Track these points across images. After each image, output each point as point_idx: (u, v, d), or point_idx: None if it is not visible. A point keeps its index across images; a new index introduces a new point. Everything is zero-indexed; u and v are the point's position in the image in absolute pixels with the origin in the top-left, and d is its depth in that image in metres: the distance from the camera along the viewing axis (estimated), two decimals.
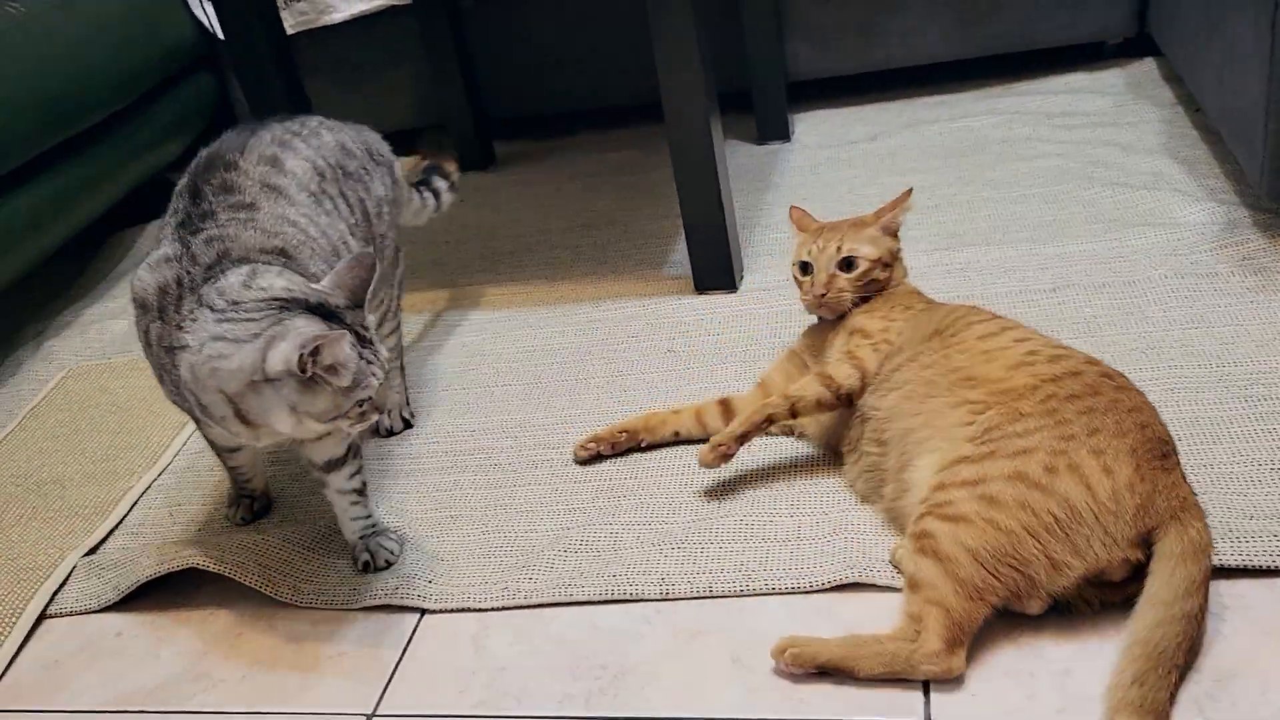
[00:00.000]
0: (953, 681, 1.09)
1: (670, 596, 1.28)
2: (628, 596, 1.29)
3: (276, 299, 1.20)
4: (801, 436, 1.50)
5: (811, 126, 2.61)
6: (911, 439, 1.26)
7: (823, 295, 1.47)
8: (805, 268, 1.51)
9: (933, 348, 1.33)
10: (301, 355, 1.14)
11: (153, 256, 1.28)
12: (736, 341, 1.77)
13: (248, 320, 1.19)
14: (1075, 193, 2.01)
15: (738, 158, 2.49)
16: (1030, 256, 1.83)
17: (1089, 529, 1.09)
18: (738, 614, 1.24)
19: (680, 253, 2.08)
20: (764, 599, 1.25)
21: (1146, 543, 1.11)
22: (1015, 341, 1.29)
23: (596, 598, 1.29)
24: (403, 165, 1.79)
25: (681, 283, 1.98)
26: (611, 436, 1.53)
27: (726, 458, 1.39)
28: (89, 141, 2.35)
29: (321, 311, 1.21)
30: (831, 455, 1.44)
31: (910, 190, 1.55)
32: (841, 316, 1.49)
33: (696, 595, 1.27)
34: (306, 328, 1.18)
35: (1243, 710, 1.01)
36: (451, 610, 1.32)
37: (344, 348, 1.17)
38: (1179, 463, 1.17)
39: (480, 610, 1.32)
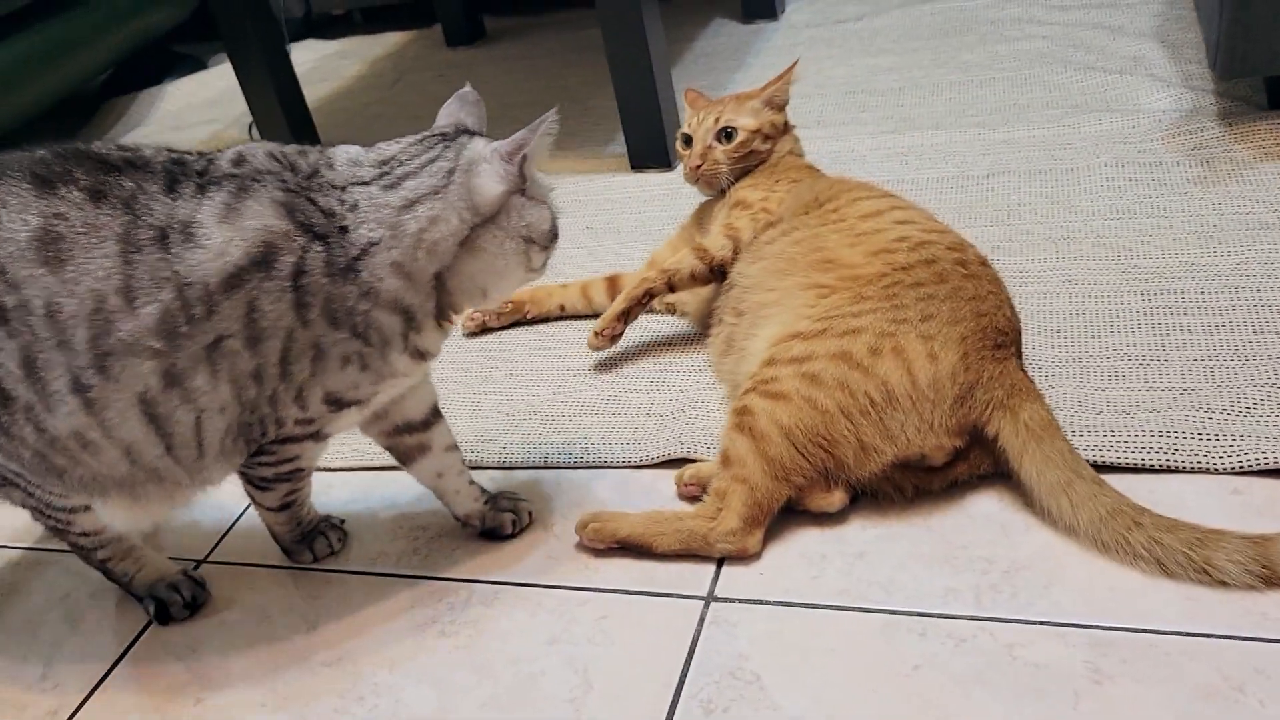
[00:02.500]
0: (748, 559, 1.06)
1: (507, 465, 1.27)
2: (469, 464, 1.28)
3: (427, 137, 1.03)
4: (683, 314, 1.46)
5: (805, 5, 2.49)
6: (762, 314, 1.22)
7: (698, 166, 1.42)
8: (687, 141, 1.45)
9: (809, 221, 1.27)
10: (520, 156, 0.99)
11: (217, 235, 0.93)
12: (656, 220, 1.72)
13: (421, 170, 0.99)
14: (1045, 76, 1.89)
15: (719, 37, 2.40)
16: (975, 142, 1.73)
17: (904, 414, 1.05)
18: (566, 486, 1.22)
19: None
20: (595, 472, 1.23)
21: (972, 432, 1.06)
22: (894, 225, 1.23)
23: None
24: None
25: (620, 161, 1.93)
26: (498, 307, 1.51)
27: (613, 339, 1.37)
28: (60, 6, 2.37)
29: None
30: (705, 332, 1.40)
31: (795, 62, 1.49)
32: (724, 191, 1.43)
33: (532, 465, 1.26)
34: (490, 143, 1.01)
35: (1021, 602, 0.96)
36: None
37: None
38: (1016, 354, 1.11)
39: (330, 470, 1.33)
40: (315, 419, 1.03)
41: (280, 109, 2.08)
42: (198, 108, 2.70)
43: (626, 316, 1.37)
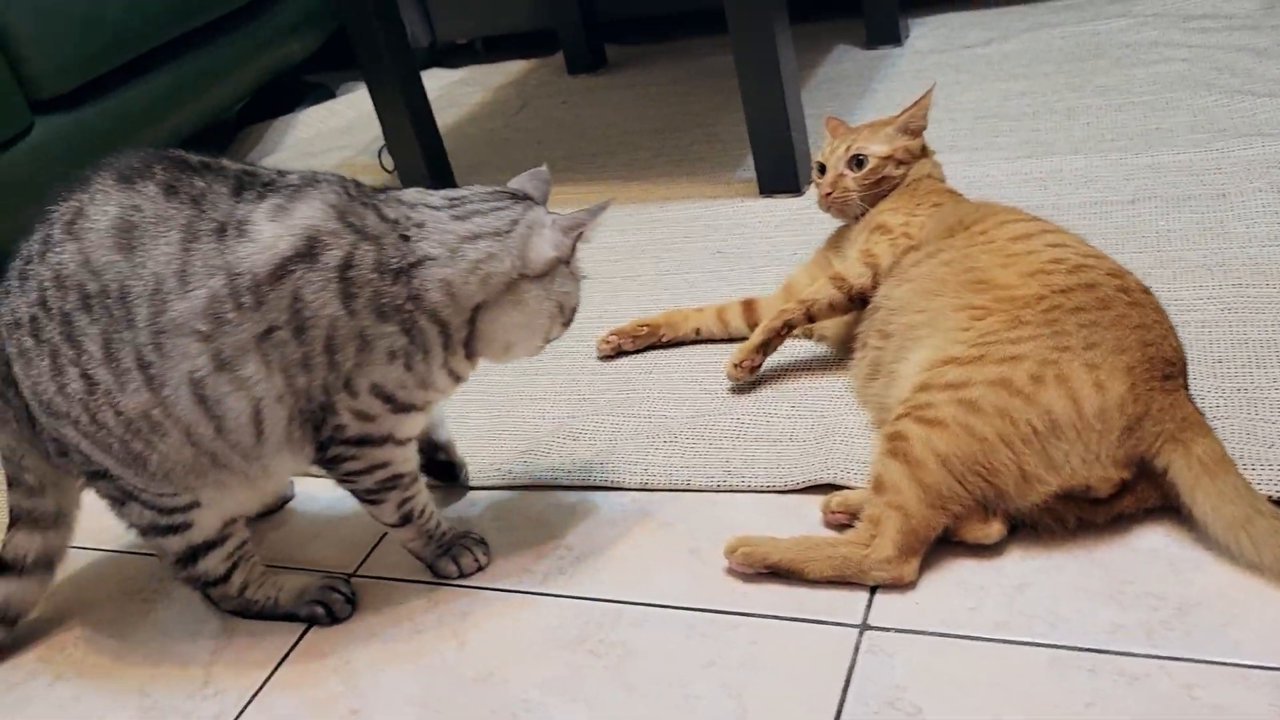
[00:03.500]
0: (903, 588, 1.05)
1: (648, 487, 1.27)
2: (608, 485, 1.29)
3: (498, 191, 1.13)
4: (822, 339, 1.45)
5: (928, 30, 2.46)
6: (911, 335, 1.20)
7: (829, 194, 1.42)
8: (821, 169, 1.45)
9: (956, 244, 1.25)
10: (577, 233, 1.10)
11: (267, 230, 1.02)
12: (788, 245, 1.72)
13: (490, 213, 1.09)
14: (1187, 100, 1.83)
15: (843, 63, 2.39)
16: (1117, 166, 1.69)
17: (1068, 444, 1.02)
18: (709, 509, 1.22)
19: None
20: (738, 495, 1.23)
21: (1140, 465, 1.03)
22: (1047, 247, 1.20)
23: (578, 484, 1.30)
24: None
25: (749, 186, 1.93)
26: (633, 330, 1.52)
27: (752, 370, 1.37)
28: (213, 34, 2.46)
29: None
30: (846, 356, 1.39)
31: (932, 87, 1.48)
32: (859, 216, 1.42)
33: (673, 488, 1.26)
34: (550, 214, 1.11)
35: (1197, 641, 0.93)
36: (434, 487, 1.36)
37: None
38: (1184, 385, 1.07)
39: (472, 488, 1.35)
40: (375, 416, 1.08)
41: (414, 134, 2.14)
42: (329, 135, 2.79)
43: (765, 349, 1.37)
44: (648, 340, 1.52)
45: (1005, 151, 1.82)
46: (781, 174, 1.84)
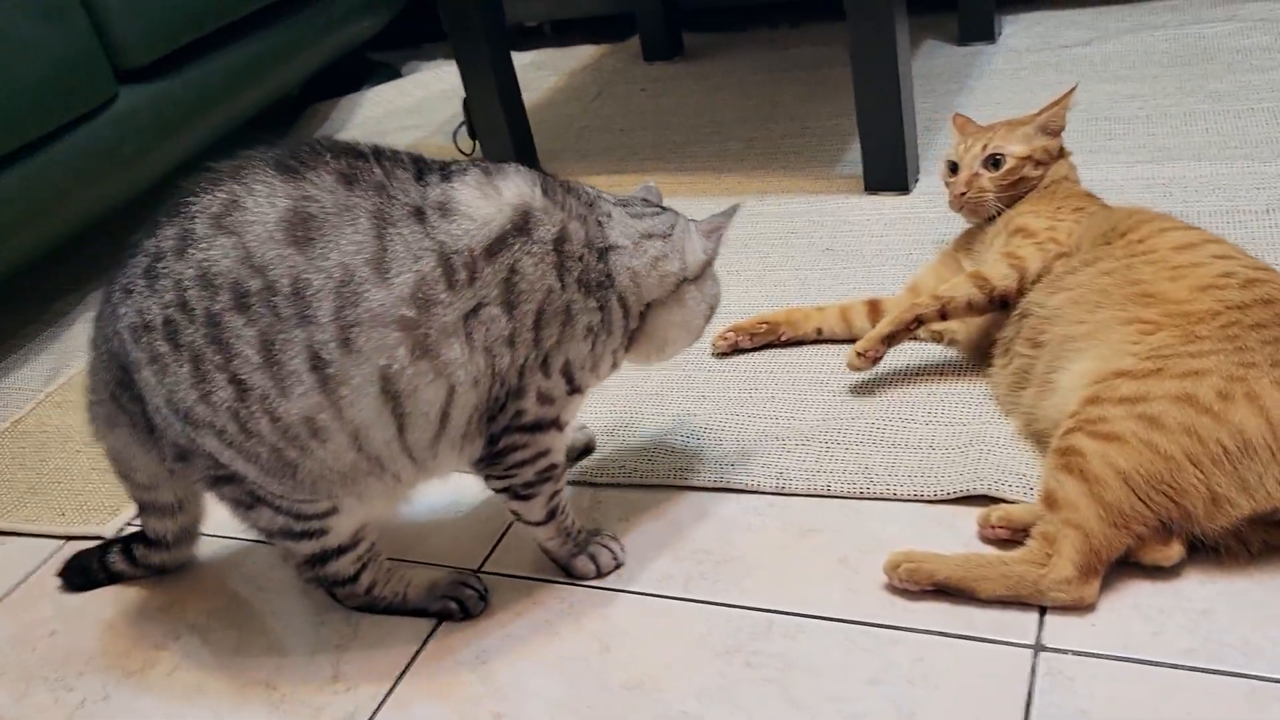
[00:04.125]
0: (1082, 611, 1.00)
1: (785, 491, 1.23)
2: (743, 487, 1.25)
3: (644, 199, 1.17)
4: (951, 342, 1.40)
5: (1022, 29, 2.41)
6: (1070, 346, 1.15)
7: (963, 194, 1.39)
8: (953, 168, 1.42)
9: (1115, 253, 1.21)
10: (718, 236, 1.15)
11: (480, 208, 1.01)
12: (900, 244, 1.67)
13: (653, 215, 1.13)
14: None
15: (934, 59, 2.34)
16: (1245, 175, 1.64)
17: (1262, 466, 0.97)
18: (853, 516, 1.18)
19: (855, 153, 1.97)
20: (882, 504, 1.19)
21: None
22: (1213, 258, 1.16)
23: (710, 484, 1.26)
24: None
25: (852, 183, 1.88)
26: (751, 327, 1.48)
27: (874, 361, 1.33)
28: (286, 10, 2.42)
29: None
30: (979, 362, 1.35)
31: (1074, 88, 1.44)
32: (994, 218, 1.38)
33: (813, 493, 1.22)
34: (690, 220, 1.17)
35: None
36: (570, 482, 1.32)
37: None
38: None
39: (595, 485, 1.31)
40: (555, 397, 1.07)
41: (503, 114, 2.09)
42: (398, 114, 2.74)
43: (891, 340, 1.32)
44: (766, 338, 1.48)
45: (1122, 155, 1.77)
46: (891, 172, 1.79)
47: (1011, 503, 1.13)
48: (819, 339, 1.47)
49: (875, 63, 1.71)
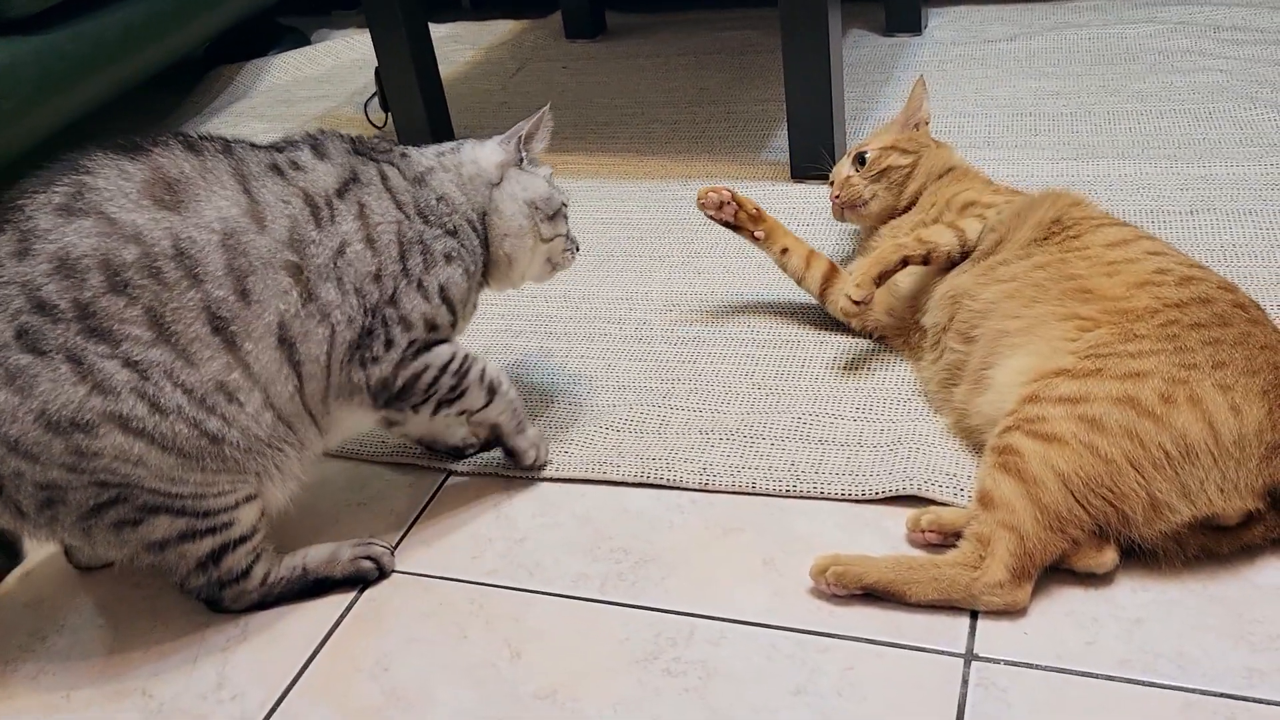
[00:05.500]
0: (1014, 615, 0.97)
1: (709, 488, 1.18)
2: (664, 483, 1.19)
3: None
4: (876, 334, 1.36)
5: (947, 22, 2.39)
6: (1005, 342, 1.12)
7: (838, 195, 1.41)
8: (831, 184, 1.47)
9: (1048, 248, 1.18)
10: (516, 138, 1.19)
11: (320, 165, 1.07)
12: (826, 234, 1.63)
13: (440, 145, 1.20)
14: (1233, 112, 1.79)
15: (860, 48, 2.30)
16: (1169, 175, 1.63)
17: (1203, 471, 0.95)
18: (778, 515, 1.13)
19: (781, 139, 1.93)
20: (809, 503, 1.14)
21: (1276, 496, 0.96)
22: (1147, 255, 1.13)
23: (630, 479, 1.20)
24: None
25: (777, 169, 1.84)
26: (745, 203, 1.43)
27: (865, 303, 1.28)
28: None
29: None
30: (897, 344, 1.34)
31: (919, 79, 1.48)
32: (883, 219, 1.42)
33: (737, 490, 1.17)
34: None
35: None
36: (478, 474, 1.25)
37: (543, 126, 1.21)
38: None
39: (508, 478, 1.24)
40: (440, 324, 1.10)
41: (417, 85, 1.99)
42: (306, 83, 2.61)
43: (881, 279, 1.28)
44: (747, 222, 1.43)
45: (1047, 151, 1.76)
46: (818, 160, 1.75)
47: (942, 504, 1.09)
48: (781, 262, 1.44)
49: (807, 50, 1.67)
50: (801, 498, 1.15)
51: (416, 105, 2.02)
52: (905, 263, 1.26)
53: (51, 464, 0.92)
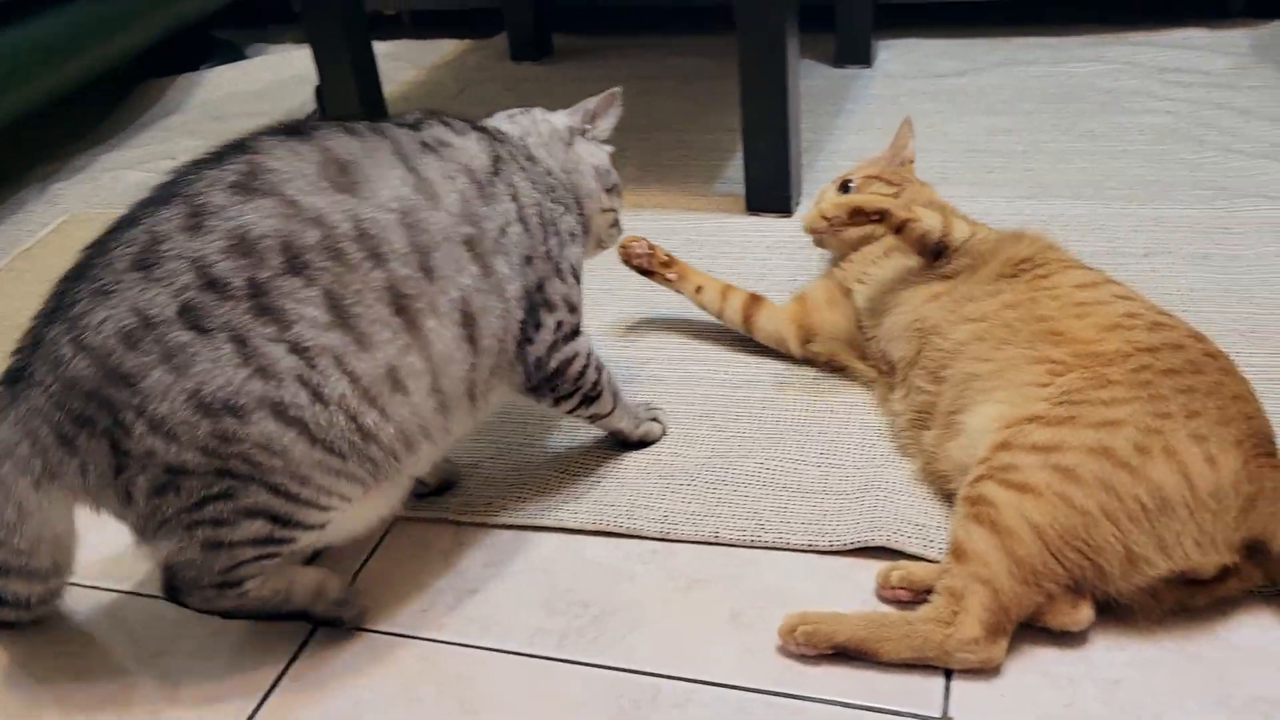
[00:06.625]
0: (989, 673, 0.94)
1: (670, 537, 1.13)
2: (624, 531, 1.14)
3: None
4: (831, 364, 1.33)
5: (896, 54, 2.39)
6: (975, 385, 1.09)
7: (825, 217, 1.34)
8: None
9: (1017, 285, 1.16)
10: (582, 110, 1.23)
11: (464, 139, 1.07)
12: (783, 268, 1.60)
13: (511, 116, 1.22)
14: (1181, 154, 1.80)
15: (811, 78, 2.29)
16: (1123, 216, 1.63)
17: (1180, 525, 0.93)
18: (745, 566, 1.09)
19: (735, 169, 1.90)
20: (776, 554, 1.10)
21: (1250, 547, 0.94)
22: (1115, 298, 1.12)
23: (588, 527, 1.15)
24: None
25: (731, 201, 1.80)
26: (658, 251, 1.44)
27: (829, 227, 1.28)
28: None
29: None
30: (861, 377, 1.32)
31: (906, 120, 1.51)
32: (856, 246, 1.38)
33: (700, 539, 1.12)
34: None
35: None
36: (426, 519, 1.18)
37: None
38: None
39: (457, 523, 1.18)
40: (576, 303, 1.12)
41: (359, 103, 1.93)
42: (240, 98, 2.53)
43: (855, 215, 1.25)
44: (661, 269, 1.44)
45: (1003, 190, 1.75)
46: (774, 192, 1.72)
47: (911, 556, 1.06)
48: (697, 299, 1.43)
49: (765, 80, 1.64)
50: (767, 548, 1.11)
51: None
52: (882, 215, 1.24)
53: (190, 445, 0.87)
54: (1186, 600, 0.96)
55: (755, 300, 1.39)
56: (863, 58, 2.33)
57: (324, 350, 0.89)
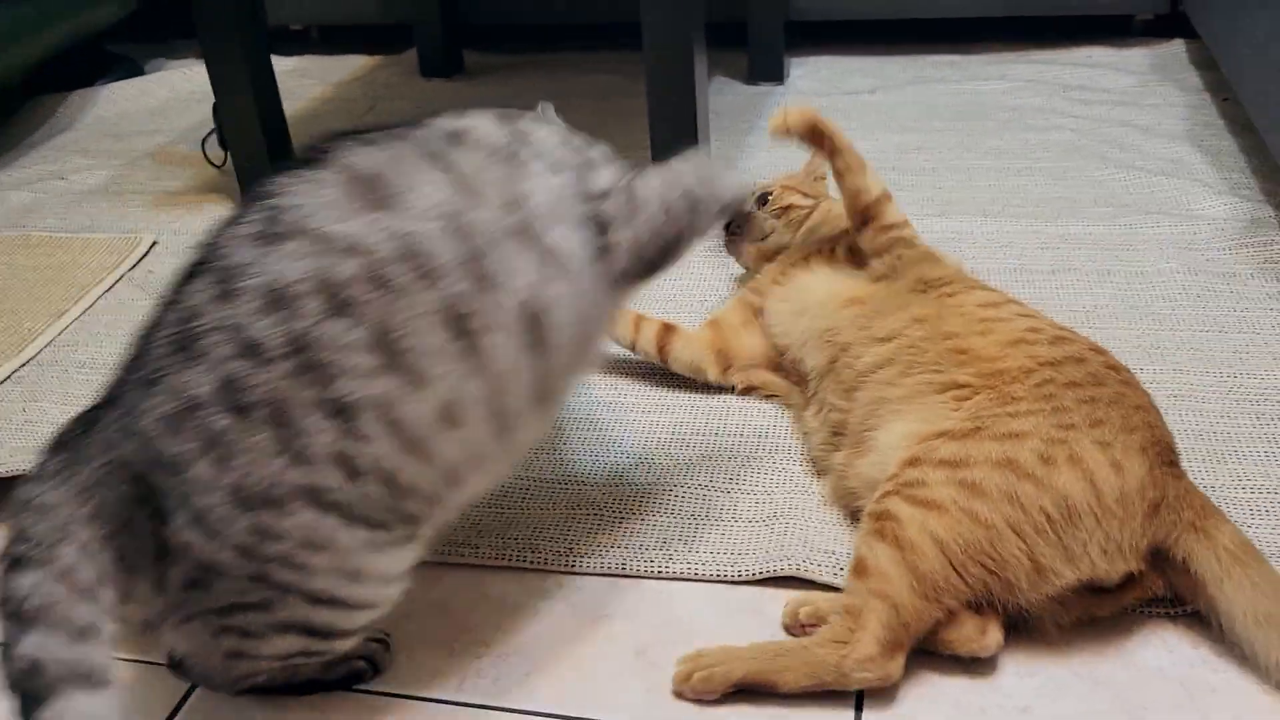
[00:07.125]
0: (888, 690, 0.92)
1: (575, 570, 1.09)
2: (526, 565, 1.10)
3: None
4: (748, 389, 1.31)
5: (809, 72, 2.40)
6: (886, 406, 1.08)
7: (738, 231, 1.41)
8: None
9: (926, 300, 1.16)
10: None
11: (481, 120, 0.98)
12: (693, 288, 1.58)
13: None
14: (1085, 171, 1.82)
15: (724, 96, 2.28)
16: (1029, 234, 1.64)
17: (1086, 533, 0.92)
18: (651, 598, 1.06)
19: None
20: (684, 585, 1.07)
21: (1154, 555, 0.94)
22: (1017, 315, 1.12)
23: (488, 561, 1.11)
24: None
25: None
26: None
27: (787, 136, 1.29)
28: None
29: None
30: (776, 399, 1.31)
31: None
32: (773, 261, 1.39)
33: (607, 572, 1.09)
34: None
35: None
36: None
37: None
38: (1185, 472, 1.00)
39: None
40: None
41: (258, 120, 1.86)
42: (138, 116, 2.44)
43: (812, 130, 1.27)
44: None
45: (912, 208, 1.73)
46: None
47: (822, 586, 1.04)
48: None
49: (673, 97, 1.62)
50: (676, 579, 1.08)
51: (258, 144, 1.89)
52: (840, 154, 1.27)
53: (226, 544, 0.79)
54: (1093, 609, 0.95)
55: (669, 330, 1.35)
56: (775, 75, 2.33)
57: (368, 403, 0.80)
